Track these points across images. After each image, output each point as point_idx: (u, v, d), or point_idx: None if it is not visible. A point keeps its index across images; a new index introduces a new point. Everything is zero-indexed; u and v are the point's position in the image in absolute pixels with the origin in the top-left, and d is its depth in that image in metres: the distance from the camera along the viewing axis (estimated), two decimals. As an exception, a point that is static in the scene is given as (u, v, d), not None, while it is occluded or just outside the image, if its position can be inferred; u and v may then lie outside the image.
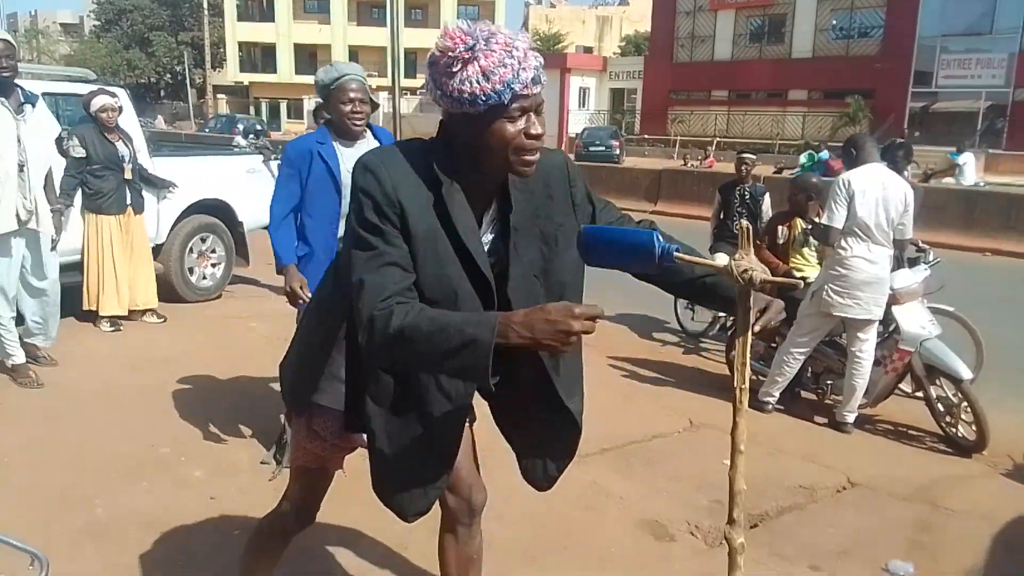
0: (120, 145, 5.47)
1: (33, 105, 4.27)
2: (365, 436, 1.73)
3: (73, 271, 5.40)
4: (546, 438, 1.84)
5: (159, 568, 2.72)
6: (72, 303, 5.42)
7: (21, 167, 4.20)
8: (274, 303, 6.82)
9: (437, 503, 1.86)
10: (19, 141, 4.18)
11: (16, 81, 4.23)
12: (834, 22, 30.55)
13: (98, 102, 5.33)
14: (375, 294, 1.45)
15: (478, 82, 1.39)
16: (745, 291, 1.42)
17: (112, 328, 5.65)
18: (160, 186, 5.91)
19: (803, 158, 19.25)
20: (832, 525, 3.34)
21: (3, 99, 4.14)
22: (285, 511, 2.06)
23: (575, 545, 3.01)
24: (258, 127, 32.35)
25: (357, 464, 2.05)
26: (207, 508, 3.13)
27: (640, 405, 4.73)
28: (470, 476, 2.00)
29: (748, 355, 1.42)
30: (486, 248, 1.61)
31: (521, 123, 1.46)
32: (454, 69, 1.41)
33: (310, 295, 2.97)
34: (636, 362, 5.63)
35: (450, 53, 1.41)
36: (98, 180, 5.37)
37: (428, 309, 1.45)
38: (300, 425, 1.90)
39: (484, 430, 2.04)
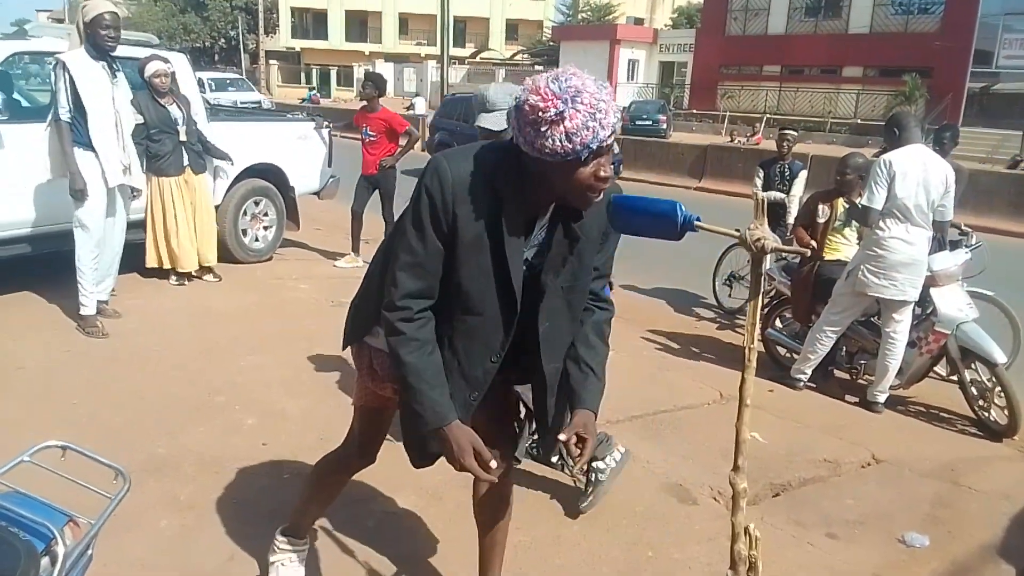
0: (173, 108, 5.65)
1: (120, 71, 4.67)
2: None
3: (137, 229, 5.67)
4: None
5: (213, 502, 2.94)
6: (135, 260, 5.71)
7: (116, 126, 4.62)
8: (322, 266, 7.07)
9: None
10: (113, 102, 4.59)
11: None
12: (894, -4, 29.67)
13: (151, 68, 5.52)
14: (398, 290, 1.72)
15: (560, 142, 1.52)
16: (758, 257, 1.55)
17: (178, 282, 5.94)
18: (219, 157, 6.15)
19: None
20: (852, 497, 3.44)
21: (104, 63, 4.53)
22: (349, 448, 2.23)
23: (600, 506, 3.15)
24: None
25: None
26: (259, 452, 3.36)
27: (672, 377, 4.85)
28: (505, 454, 2.11)
29: (758, 317, 1.54)
30: (533, 250, 1.77)
31: (592, 166, 1.59)
32: (541, 128, 1.52)
33: None
34: (671, 336, 5.74)
35: (540, 113, 1.51)
36: (156, 144, 5.60)
37: (422, 361, 1.74)
38: (363, 365, 2.04)
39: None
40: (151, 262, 5.83)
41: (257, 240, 6.93)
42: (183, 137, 5.71)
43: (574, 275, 1.80)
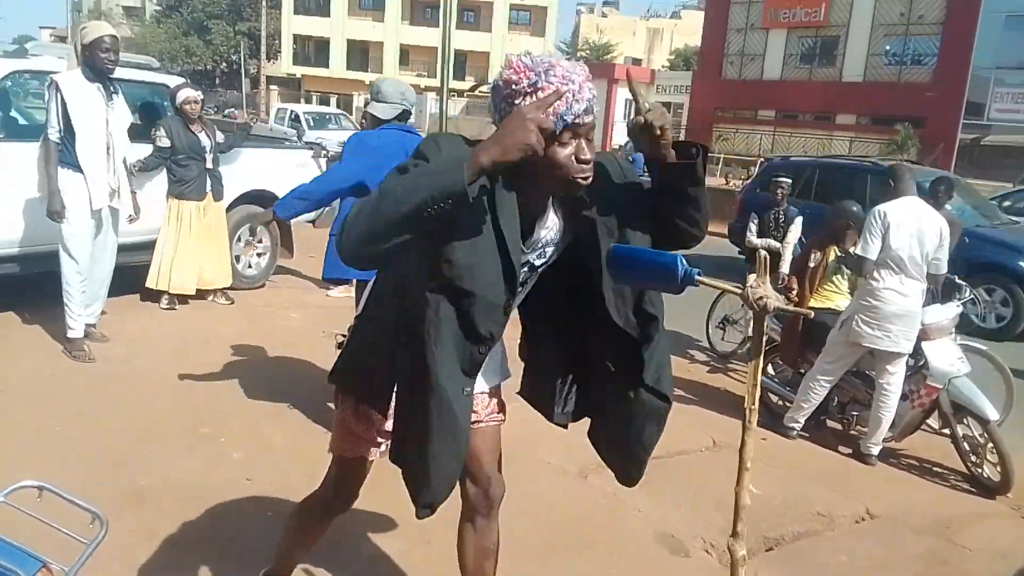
0: (203, 136, 5.79)
1: (117, 93, 4.64)
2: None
3: (143, 251, 5.74)
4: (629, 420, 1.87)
5: (193, 540, 2.86)
6: (130, 283, 5.66)
7: (108, 149, 4.58)
8: (314, 295, 7.01)
9: (457, 493, 1.93)
10: (107, 124, 4.56)
11: None
12: (887, 47, 30.13)
13: (182, 95, 5.69)
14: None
15: None
16: (760, 317, 1.52)
17: (168, 306, 5.93)
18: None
19: None
20: (847, 553, 3.38)
21: (99, 85, 4.50)
22: (326, 494, 2.18)
23: (590, 551, 3.09)
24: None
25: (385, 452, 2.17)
26: (243, 487, 3.28)
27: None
28: (490, 468, 2.07)
29: (759, 377, 1.51)
30: (540, 246, 1.75)
31: (571, 148, 1.59)
32: (515, 101, 1.55)
33: None
34: (664, 378, 5.69)
35: (513, 85, 1.56)
36: (182, 168, 5.69)
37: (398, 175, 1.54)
38: (347, 406, 1.99)
39: (514, 428, 2.14)
40: (150, 282, 5.84)
41: (250, 267, 6.89)
42: (209, 164, 5.84)
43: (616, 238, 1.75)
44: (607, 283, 1.73)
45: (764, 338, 1.53)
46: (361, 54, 52.15)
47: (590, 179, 1.65)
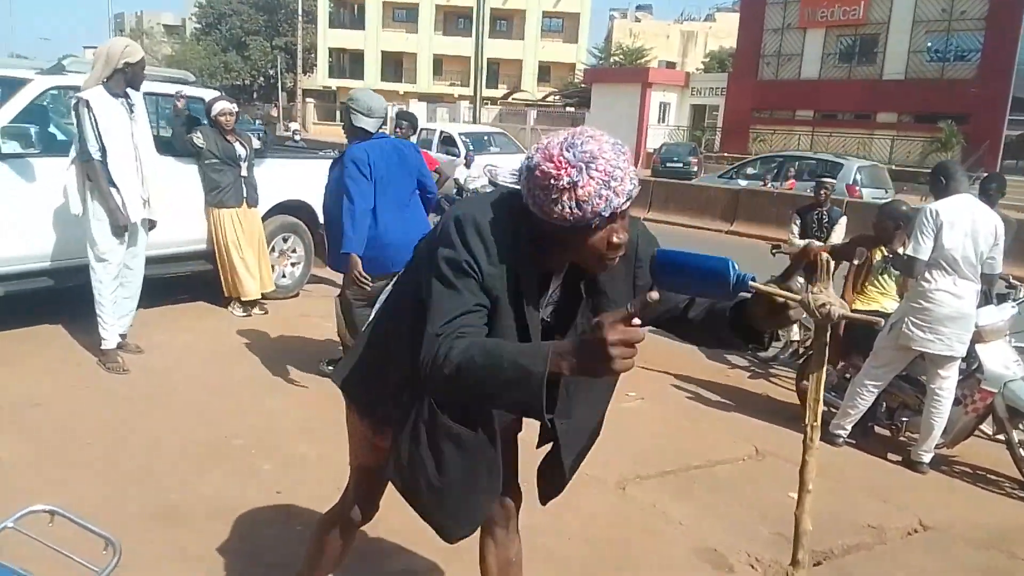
0: (238, 146, 5.96)
1: (135, 105, 4.68)
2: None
3: (178, 262, 5.92)
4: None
5: (224, 556, 2.82)
6: (163, 294, 5.69)
7: (136, 161, 4.63)
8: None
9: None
10: (132, 137, 4.60)
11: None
12: (929, 44, 29.44)
13: (217, 107, 5.89)
14: (442, 316, 1.48)
15: (570, 208, 1.44)
16: (823, 325, 1.39)
17: (244, 313, 6.12)
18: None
19: None
20: (900, 568, 3.22)
21: (122, 100, 4.55)
22: (346, 508, 2.14)
23: (631, 567, 2.98)
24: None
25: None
26: (273, 500, 3.24)
27: (705, 429, 4.66)
28: (508, 480, 2.01)
29: (822, 391, 1.39)
30: (549, 308, 1.69)
31: (604, 232, 1.50)
32: (552, 195, 1.45)
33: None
34: (703, 384, 5.55)
35: (552, 180, 1.44)
36: (217, 174, 5.87)
37: (485, 340, 1.46)
38: (364, 422, 1.96)
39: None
40: (227, 290, 6.10)
41: (284, 276, 6.89)
42: (244, 173, 6.02)
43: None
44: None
45: (827, 349, 1.40)
46: (395, 65, 52.60)
47: (616, 261, 1.57)
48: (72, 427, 3.86)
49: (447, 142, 17.91)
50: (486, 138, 18.98)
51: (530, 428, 1.96)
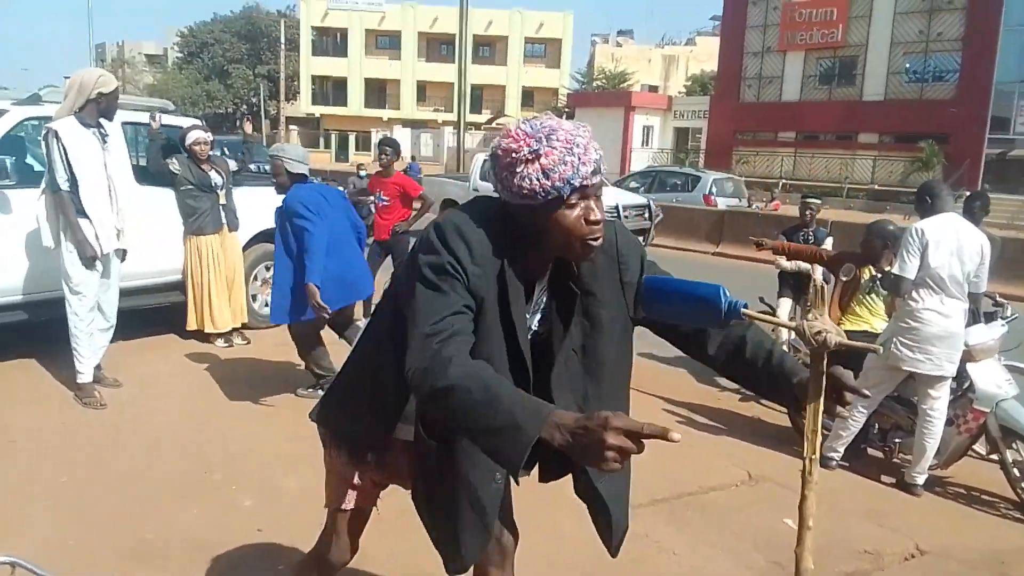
0: (213, 174, 5.90)
1: (108, 135, 4.59)
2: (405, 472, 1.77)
3: (154, 293, 5.84)
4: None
5: (203, 598, 2.71)
6: (142, 326, 5.59)
7: (110, 191, 4.55)
8: (329, 333, 6.88)
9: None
10: (105, 168, 4.51)
11: None
12: (907, 65, 29.89)
13: (191, 136, 5.84)
14: (429, 317, 1.42)
15: (538, 179, 1.44)
16: (818, 354, 1.33)
17: (226, 344, 6.02)
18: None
19: None
20: (898, 595, 3.15)
21: (95, 130, 4.47)
22: (325, 548, 2.06)
23: (623, 600, 2.89)
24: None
25: (393, 503, 2.03)
26: (254, 538, 3.13)
27: (696, 454, 4.58)
28: (503, 517, 1.95)
29: (820, 423, 1.32)
30: (537, 316, 1.64)
31: (579, 209, 1.48)
32: (517, 169, 1.45)
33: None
34: (693, 408, 5.48)
35: (513, 154, 1.45)
36: (193, 200, 5.81)
37: (487, 369, 1.38)
38: (341, 455, 1.90)
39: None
40: (191, 325, 5.91)
41: (267, 305, 6.78)
42: (223, 200, 5.96)
43: (586, 336, 1.63)
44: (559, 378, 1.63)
45: (824, 378, 1.33)
46: (378, 92, 52.81)
47: (600, 240, 1.52)
48: (47, 464, 3.74)
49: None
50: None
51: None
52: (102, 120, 4.53)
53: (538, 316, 1.65)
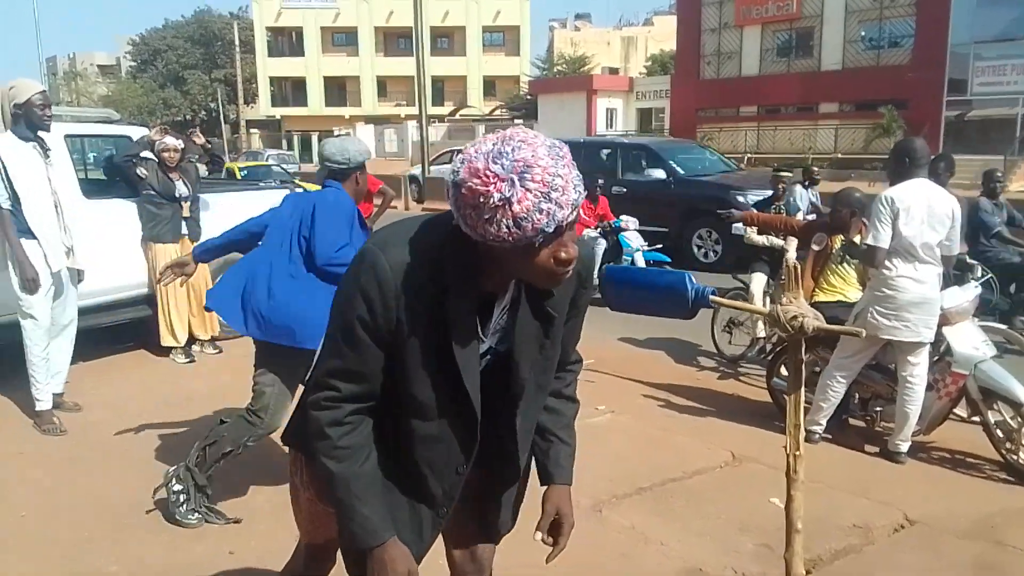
0: (180, 184, 5.78)
1: (50, 149, 4.39)
2: None
3: (114, 310, 5.66)
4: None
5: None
6: (102, 346, 5.39)
7: (56, 207, 4.35)
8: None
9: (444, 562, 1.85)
10: (50, 183, 4.32)
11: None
12: (863, 33, 30.06)
13: (160, 144, 5.72)
14: (326, 392, 1.48)
15: (508, 228, 1.25)
16: (796, 340, 1.23)
17: (187, 360, 5.86)
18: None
19: None
20: (891, 571, 3.09)
21: (35, 144, 4.27)
22: (298, 567, 1.99)
23: (613, 596, 2.81)
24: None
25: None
26: (225, 562, 3.00)
27: (678, 438, 4.51)
28: (482, 528, 1.87)
29: (802, 415, 1.23)
30: (496, 337, 1.53)
31: (551, 248, 1.32)
32: (484, 215, 1.25)
33: None
34: (672, 390, 5.41)
35: (481, 199, 1.24)
36: (155, 207, 5.70)
37: (351, 471, 1.49)
38: (305, 470, 1.77)
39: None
40: (166, 341, 5.78)
41: (234, 315, 6.62)
42: (186, 213, 5.83)
43: (547, 358, 1.56)
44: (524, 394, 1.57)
45: (804, 365, 1.24)
46: (338, 90, 52.24)
47: (569, 275, 1.38)
48: (5, 498, 3.58)
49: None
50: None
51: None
52: (41, 134, 4.32)
53: (496, 337, 1.54)
